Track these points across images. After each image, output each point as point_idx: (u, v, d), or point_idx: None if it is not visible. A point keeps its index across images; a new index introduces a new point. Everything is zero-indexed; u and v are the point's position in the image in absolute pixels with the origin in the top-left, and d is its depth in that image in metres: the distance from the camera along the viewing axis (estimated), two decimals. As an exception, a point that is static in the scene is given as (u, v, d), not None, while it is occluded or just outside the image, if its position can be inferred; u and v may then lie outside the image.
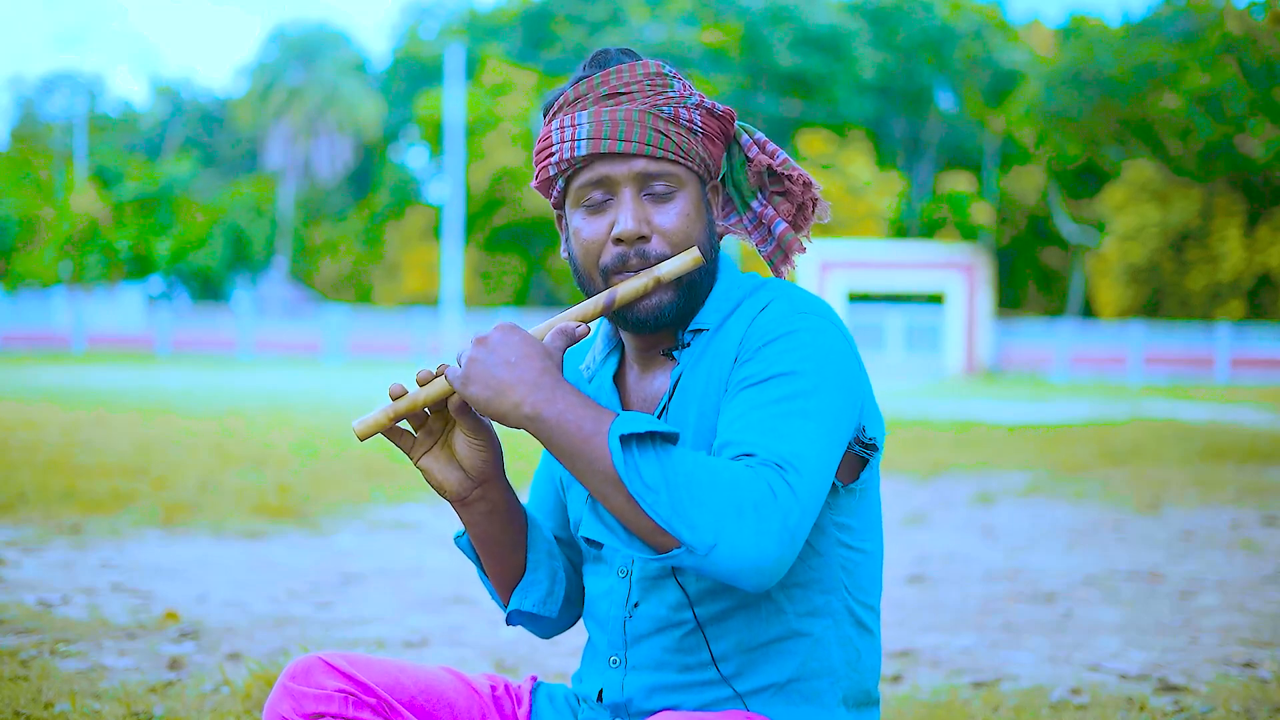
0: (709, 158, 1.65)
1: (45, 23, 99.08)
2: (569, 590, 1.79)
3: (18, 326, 33.94)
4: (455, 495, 1.64)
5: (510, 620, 1.77)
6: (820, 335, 1.55)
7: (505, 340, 1.50)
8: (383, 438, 2.51)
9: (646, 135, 1.60)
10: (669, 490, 1.40)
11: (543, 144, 1.66)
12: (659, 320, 1.62)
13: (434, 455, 1.63)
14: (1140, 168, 35.13)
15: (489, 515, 1.67)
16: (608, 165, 1.60)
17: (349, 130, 44.69)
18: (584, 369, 1.77)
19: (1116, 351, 30.30)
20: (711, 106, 1.65)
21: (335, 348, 32.51)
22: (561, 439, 1.46)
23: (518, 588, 1.74)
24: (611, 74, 1.63)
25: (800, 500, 1.42)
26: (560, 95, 1.65)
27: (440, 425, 1.63)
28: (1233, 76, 31.78)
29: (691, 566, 1.41)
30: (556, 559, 1.77)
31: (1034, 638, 3.99)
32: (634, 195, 1.61)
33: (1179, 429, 12.91)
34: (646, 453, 1.43)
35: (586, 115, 1.61)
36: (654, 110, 1.61)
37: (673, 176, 1.61)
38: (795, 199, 1.74)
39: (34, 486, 6.76)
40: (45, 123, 49.48)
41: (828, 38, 43.27)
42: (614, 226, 1.61)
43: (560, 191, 1.67)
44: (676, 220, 1.61)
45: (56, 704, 2.95)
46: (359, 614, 4.21)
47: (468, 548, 1.75)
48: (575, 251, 1.66)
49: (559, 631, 1.83)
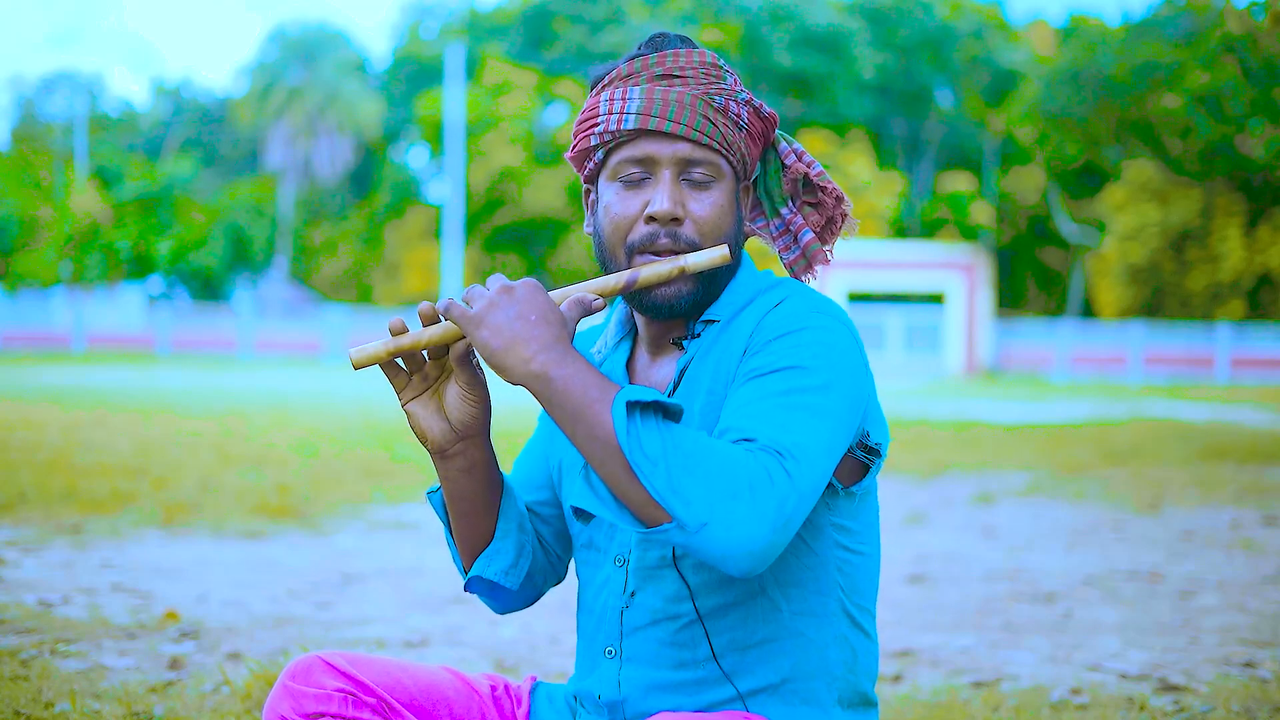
0: (748, 156, 1.66)
1: (40, 21, 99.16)
2: (533, 567, 1.77)
3: (18, 326, 33.92)
4: (436, 445, 1.63)
5: (468, 587, 1.74)
6: (831, 334, 1.56)
7: (530, 297, 1.49)
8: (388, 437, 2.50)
9: (695, 120, 1.60)
10: (667, 463, 1.40)
11: (588, 114, 1.65)
12: (675, 308, 1.63)
13: (423, 401, 1.62)
14: (1140, 168, 35.13)
15: (467, 471, 1.66)
16: (652, 143, 1.61)
17: (349, 130, 44.69)
18: (596, 352, 1.77)
19: (1116, 351, 30.30)
20: (759, 106, 1.67)
21: (335, 348, 32.50)
22: (565, 401, 1.45)
23: (483, 554, 1.72)
24: (668, 56, 1.64)
25: (797, 488, 1.42)
26: (613, 69, 1.66)
27: (435, 372, 1.62)
28: (1233, 76, 31.76)
29: (680, 544, 1.40)
30: (527, 533, 1.75)
31: (1034, 638, 3.99)
32: (673, 177, 1.61)
33: (1179, 429, 12.91)
34: (649, 423, 1.42)
35: (639, 91, 1.62)
36: (705, 98, 1.61)
37: (713, 165, 1.62)
38: (826, 211, 1.75)
39: (34, 486, 6.76)
40: (45, 123, 49.47)
41: (827, 37, 43.27)
42: (649, 205, 1.61)
43: (597, 164, 1.67)
44: (710, 210, 1.62)
45: (56, 704, 2.95)
46: (359, 614, 4.21)
47: (439, 505, 1.74)
48: (603, 225, 1.65)
49: (515, 608, 1.80)
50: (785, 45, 43.06)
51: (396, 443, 9.63)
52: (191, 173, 44.72)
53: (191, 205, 43.61)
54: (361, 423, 11.72)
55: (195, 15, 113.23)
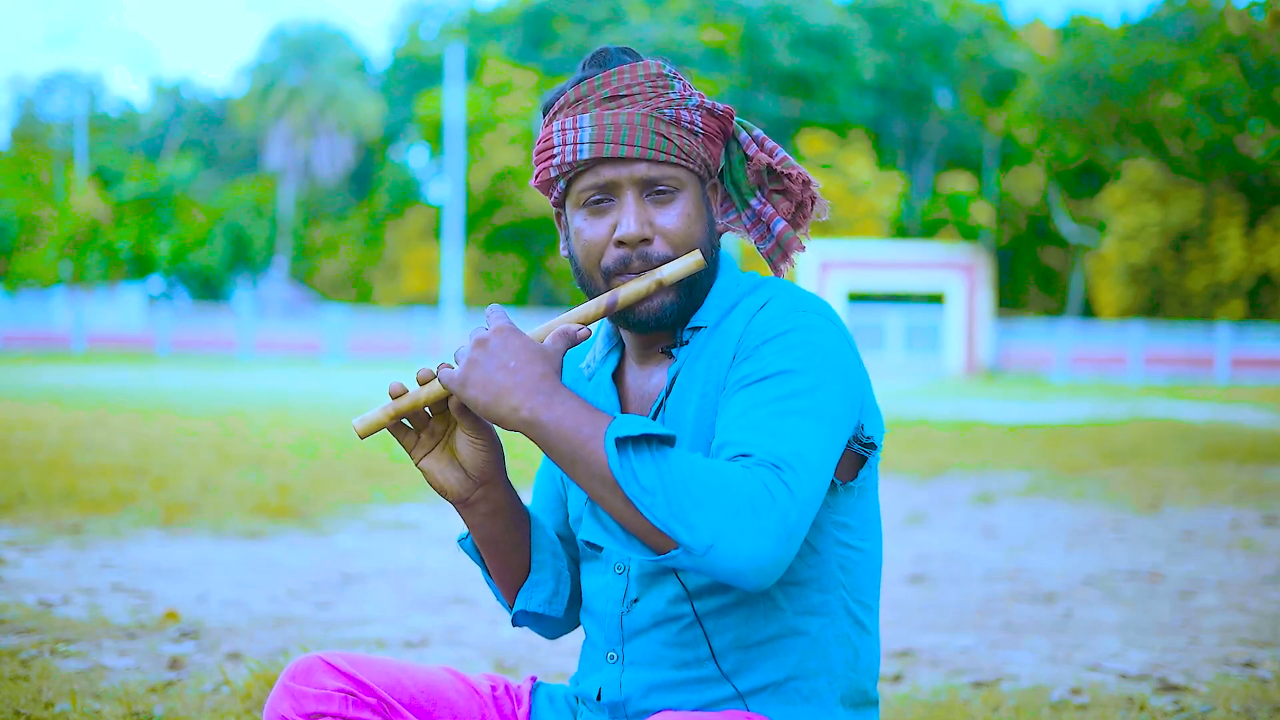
0: (709, 157, 1.65)
1: (39, 21, 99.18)
2: (574, 590, 1.79)
3: (18, 326, 33.91)
4: (458, 496, 1.64)
5: (516, 621, 1.76)
6: (818, 333, 1.56)
7: (504, 344, 1.50)
8: (388, 435, 2.51)
9: (649, 139, 1.59)
10: (665, 492, 1.40)
11: (543, 145, 1.65)
12: (660, 321, 1.63)
13: (435, 456, 1.63)
14: (1140, 168, 35.13)
15: (491, 516, 1.67)
16: (610, 169, 1.60)
17: (349, 130, 44.70)
18: (584, 367, 1.77)
19: (1116, 351, 30.29)
20: (712, 107, 1.65)
21: (335, 348, 32.49)
22: (558, 443, 1.46)
23: (523, 588, 1.74)
24: (613, 75, 1.62)
25: (798, 500, 1.42)
26: (561, 95, 1.65)
27: (442, 427, 1.63)
28: (1233, 76, 31.77)
29: (690, 567, 1.42)
30: (560, 559, 1.77)
31: (1034, 638, 3.99)
32: (636, 198, 1.61)
33: (1179, 429, 12.91)
34: (643, 455, 1.43)
35: (588, 119, 1.61)
36: (656, 113, 1.61)
37: (674, 178, 1.61)
38: (794, 197, 1.74)
39: (34, 486, 6.76)
40: (45, 123, 49.48)
41: (828, 37, 43.27)
42: (616, 229, 1.61)
43: (561, 192, 1.67)
44: (678, 221, 1.62)
45: (56, 704, 2.95)
46: (359, 614, 4.21)
47: (472, 550, 1.75)
48: (576, 252, 1.66)
49: (565, 631, 1.83)
50: (785, 45, 43.06)
51: (396, 443, 9.61)
52: (191, 173, 44.71)
53: (191, 205, 43.61)
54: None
55: (195, 15, 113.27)
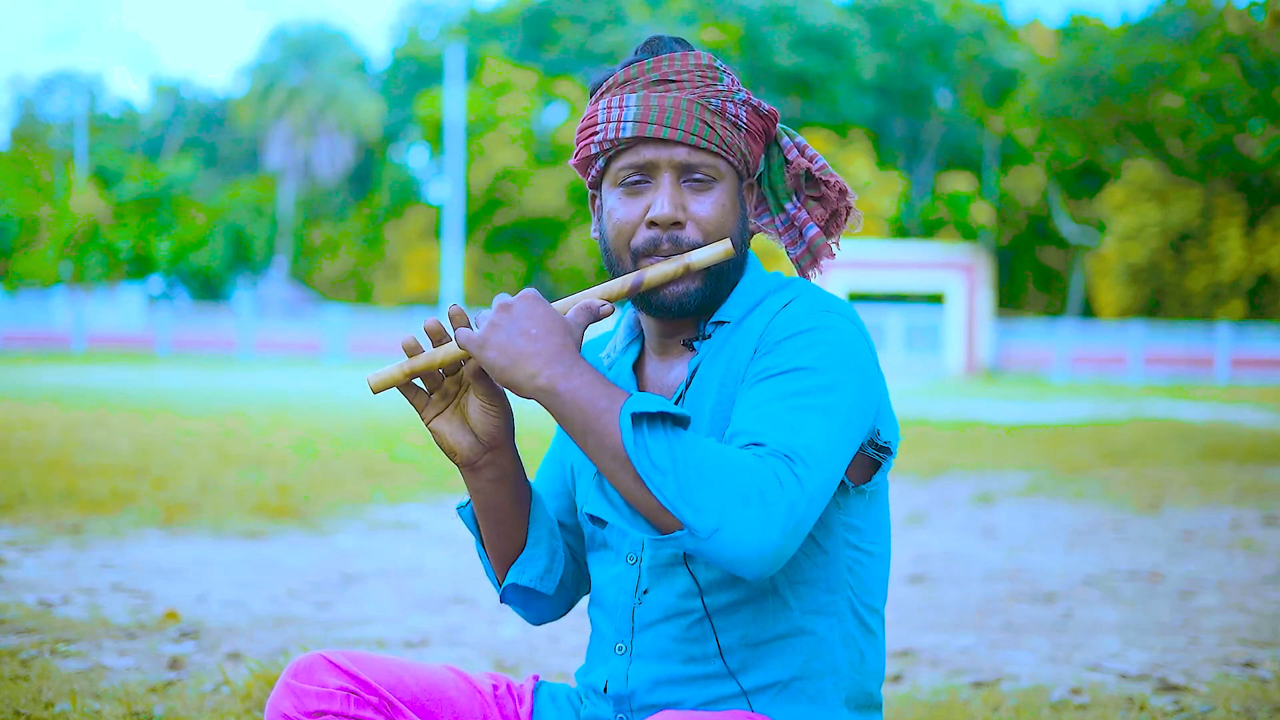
0: (749, 154, 1.67)
1: (39, 21, 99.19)
2: (565, 574, 1.79)
3: (18, 326, 33.91)
4: (465, 459, 1.65)
5: (504, 598, 1.76)
6: (841, 334, 1.56)
7: (529, 310, 1.50)
8: (390, 435, 2.51)
9: (692, 124, 1.61)
10: (676, 472, 1.40)
11: (587, 122, 1.66)
12: (683, 307, 1.63)
13: (446, 417, 1.63)
14: (1140, 168, 35.13)
15: (496, 482, 1.67)
16: (650, 150, 1.62)
17: (349, 130, 44.69)
18: (604, 357, 1.78)
19: (1116, 351, 30.30)
20: (758, 104, 1.67)
21: (335, 348, 32.50)
22: (573, 414, 1.45)
23: (516, 562, 1.74)
24: (664, 60, 1.64)
25: (806, 492, 1.42)
26: (610, 75, 1.67)
27: (454, 388, 1.63)
28: (1233, 76, 31.79)
29: (692, 549, 1.42)
30: (557, 539, 1.77)
31: (1034, 638, 3.99)
32: (673, 181, 1.62)
33: (1179, 429, 12.91)
34: (657, 433, 1.43)
35: (635, 98, 1.62)
36: (702, 101, 1.62)
37: (712, 168, 1.63)
38: (830, 205, 1.76)
39: (34, 486, 6.76)
40: (45, 123, 49.48)
41: (828, 37, 43.28)
42: (650, 209, 1.62)
43: (599, 170, 1.68)
44: (712, 210, 1.63)
45: (56, 704, 2.95)
46: (359, 614, 4.21)
47: (470, 518, 1.75)
48: (607, 231, 1.67)
49: (550, 617, 1.82)
50: (785, 45, 43.06)
51: (396, 443, 9.63)
52: (191, 173, 44.72)
53: (191, 205, 43.61)
54: (361, 423, 11.72)
55: (195, 15, 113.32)
